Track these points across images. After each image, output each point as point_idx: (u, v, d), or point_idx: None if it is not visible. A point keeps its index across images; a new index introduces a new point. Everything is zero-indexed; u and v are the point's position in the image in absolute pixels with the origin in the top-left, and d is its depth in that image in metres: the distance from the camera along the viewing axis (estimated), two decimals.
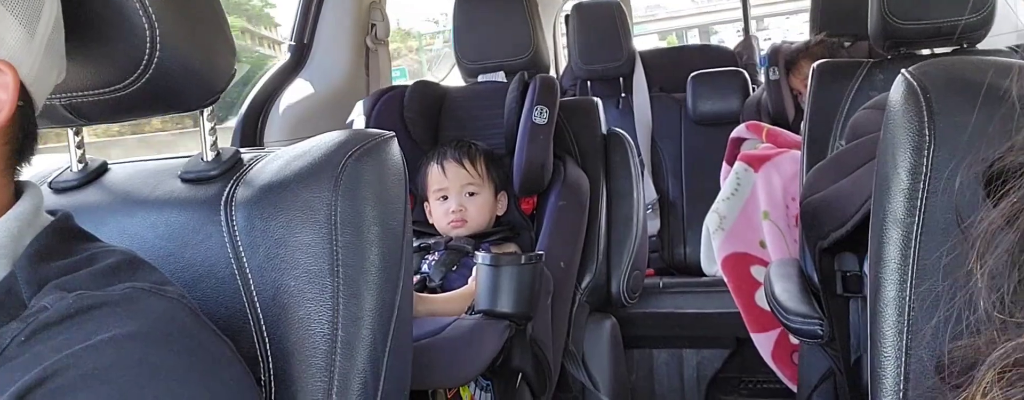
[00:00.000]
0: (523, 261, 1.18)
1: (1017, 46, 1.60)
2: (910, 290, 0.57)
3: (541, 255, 1.21)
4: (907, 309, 0.57)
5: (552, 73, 2.02)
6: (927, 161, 0.59)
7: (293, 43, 1.95)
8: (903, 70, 0.69)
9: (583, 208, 1.58)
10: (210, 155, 0.82)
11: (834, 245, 1.08)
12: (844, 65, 1.70)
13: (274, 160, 0.81)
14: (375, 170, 0.80)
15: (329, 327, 0.70)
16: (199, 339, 0.59)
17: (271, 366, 0.69)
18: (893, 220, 0.61)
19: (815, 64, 1.72)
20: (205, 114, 0.83)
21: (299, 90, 1.87)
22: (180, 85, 0.74)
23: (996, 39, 1.64)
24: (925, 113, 0.60)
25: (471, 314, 1.20)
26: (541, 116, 1.61)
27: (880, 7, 1.60)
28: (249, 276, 0.73)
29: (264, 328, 0.71)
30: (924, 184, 0.58)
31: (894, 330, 0.59)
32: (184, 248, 0.75)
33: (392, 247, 0.78)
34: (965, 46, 1.64)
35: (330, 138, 0.82)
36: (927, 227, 0.58)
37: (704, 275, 2.20)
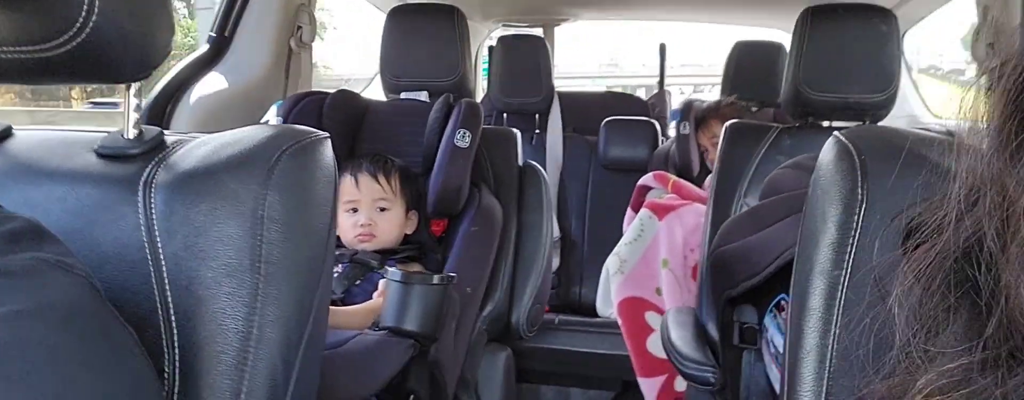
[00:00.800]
0: (435, 281, 1.16)
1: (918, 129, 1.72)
2: (833, 338, 0.60)
3: (453, 277, 1.20)
4: (829, 356, 0.59)
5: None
6: (858, 218, 0.62)
7: (214, 34, 1.88)
8: (836, 133, 0.72)
9: (494, 236, 1.58)
10: (132, 133, 0.77)
11: (738, 297, 1.12)
12: (755, 127, 1.78)
13: (201, 145, 0.77)
14: (308, 169, 0.77)
15: (244, 324, 0.67)
16: (104, 323, 0.55)
17: (177, 358, 0.65)
18: (820, 271, 0.63)
19: (728, 123, 1.79)
20: (132, 89, 0.78)
21: (213, 83, 1.80)
22: (114, 54, 0.69)
23: (894, 121, 1.77)
24: (859, 173, 0.64)
25: (375, 330, 1.17)
26: (463, 140, 1.61)
27: (795, 78, 1.69)
28: (163, 263, 0.68)
29: (173, 319, 0.66)
30: (853, 239, 0.61)
31: (814, 375, 0.61)
32: (93, 226, 0.70)
33: (316, 250, 0.76)
34: (866, 123, 1.75)
35: (264, 130, 0.79)
36: (853, 279, 0.60)
37: (597, 316, 2.23)
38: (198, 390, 0.64)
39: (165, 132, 0.80)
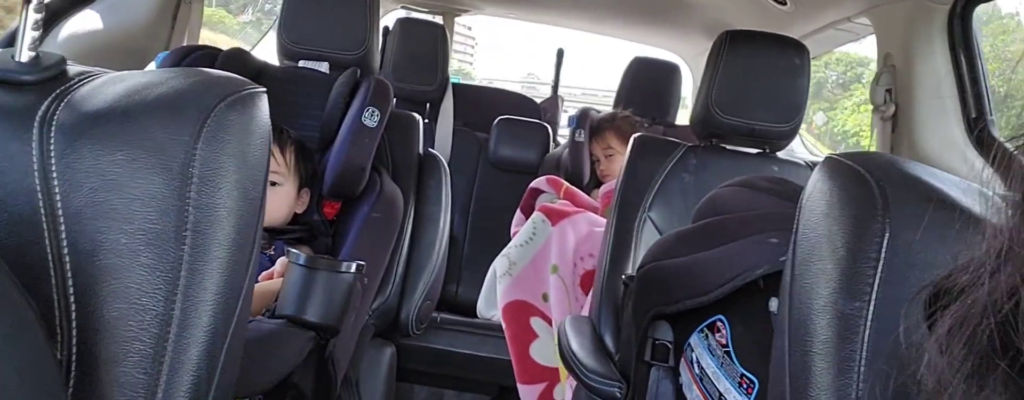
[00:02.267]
0: (343, 268, 1.04)
1: (814, 163, 1.77)
2: (857, 377, 0.55)
3: (362, 265, 1.08)
4: (854, 395, 0.55)
5: None
6: (881, 249, 0.58)
7: None
8: (833, 156, 0.69)
9: (396, 225, 1.47)
10: (26, 56, 0.62)
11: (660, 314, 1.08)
12: (662, 142, 1.77)
13: (115, 82, 0.64)
14: (245, 124, 0.65)
15: (164, 305, 0.54)
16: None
17: (74, 343, 0.52)
18: (828, 304, 0.59)
19: (636, 136, 1.77)
20: (34, 1, 0.63)
21: (87, 21, 1.58)
22: None
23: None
24: (880, 201, 0.60)
25: (270, 316, 1.04)
26: (371, 118, 1.49)
27: (707, 98, 1.69)
28: (61, 220, 0.55)
29: (72, 291, 0.53)
30: (876, 271, 0.57)
31: None
32: None
33: (248, 219, 0.64)
34: (767, 151, 1.79)
35: (191, 74, 0.66)
36: (878, 314, 0.56)
37: (474, 316, 2.16)
38: (101, 385, 0.51)
39: (68, 62, 0.66)
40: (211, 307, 0.57)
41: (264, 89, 0.71)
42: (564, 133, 2.80)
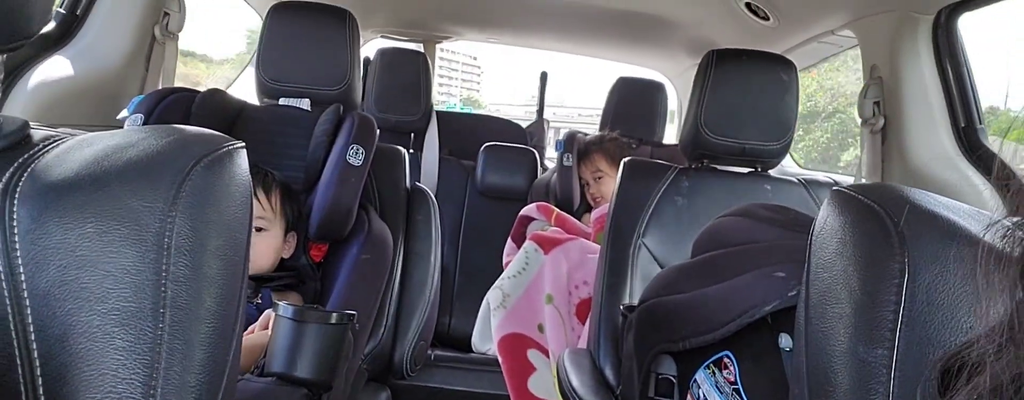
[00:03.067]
0: (334, 320, 1.00)
1: (806, 180, 1.74)
2: None
3: (353, 315, 1.04)
4: None
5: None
6: (901, 290, 0.54)
7: (62, 11, 1.61)
8: (839, 188, 0.66)
9: (386, 265, 1.43)
10: None
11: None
12: (653, 166, 1.75)
13: (83, 146, 0.60)
14: (224, 185, 0.62)
15: (142, 391, 0.50)
16: None
17: None
18: (848, 350, 0.56)
19: (626, 160, 1.74)
20: None
21: (58, 67, 1.53)
22: None
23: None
24: (895, 238, 0.57)
25: (258, 374, 0.99)
26: (356, 157, 1.45)
27: (696, 120, 1.67)
28: (27, 302, 0.51)
29: (40, 382, 0.49)
30: (899, 315, 0.54)
31: None
32: None
33: (231, 288, 0.60)
34: (759, 170, 1.76)
35: (165, 133, 0.62)
36: (903, 359, 0.53)
37: (469, 349, 2.12)
38: None
39: (32, 125, 0.62)
40: (195, 388, 0.53)
41: (243, 144, 0.67)
42: (552, 156, 2.78)
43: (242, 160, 0.66)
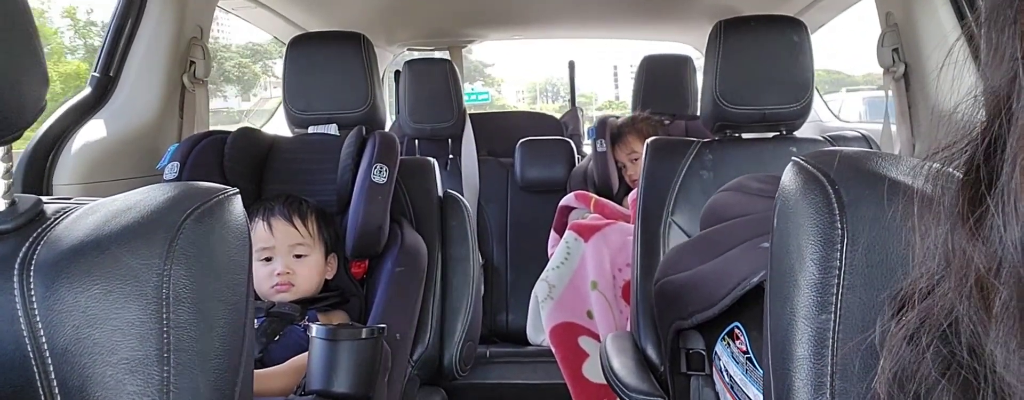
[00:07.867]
0: (364, 335, 1.07)
1: (833, 137, 1.73)
2: (830, 389, 0.55)
3: (383, 328, 1.11)
4: None
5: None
6: (841, 255, 0.57)
7: (97, 75, 1.73)
8: (795, 158, 0.68)
9: (421, 275, 1.49)
10: (2, 204, 0.66)
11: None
12: (676, 143, 1.76)
13: (88, 215, 0.67)
14: (216, 234, 0.68)
15: None
16: None
17: None
18: (804, 316, 0.58)
19: (649, 141, 1.76)
20: (0, 152, 0.67)
21: (99, 129, 1.65)
22: None
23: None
24: (836, 205, 0.59)
25: (301, 394, 1.07)
26: (380, 175, 1.52)
27: (713, 92, 1.68)
28: (49, 362, 0.58)
29: None
30: (839, 279, 0.56)
31: None
32: None
33: (234, 327, 0.66)
34: (784, 133, 1.76)
35: (161, 191, 0.69)
36: (845, 323, 0.55)
37: (527, 343, 2.17)
38: None
39: (45, 200, 0.70)
40: None
41: (236, 191, 0.73)
42: (589, 143, 2.80)
43: (235, 207, 0.72)
